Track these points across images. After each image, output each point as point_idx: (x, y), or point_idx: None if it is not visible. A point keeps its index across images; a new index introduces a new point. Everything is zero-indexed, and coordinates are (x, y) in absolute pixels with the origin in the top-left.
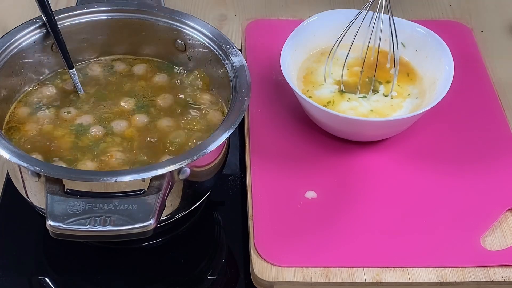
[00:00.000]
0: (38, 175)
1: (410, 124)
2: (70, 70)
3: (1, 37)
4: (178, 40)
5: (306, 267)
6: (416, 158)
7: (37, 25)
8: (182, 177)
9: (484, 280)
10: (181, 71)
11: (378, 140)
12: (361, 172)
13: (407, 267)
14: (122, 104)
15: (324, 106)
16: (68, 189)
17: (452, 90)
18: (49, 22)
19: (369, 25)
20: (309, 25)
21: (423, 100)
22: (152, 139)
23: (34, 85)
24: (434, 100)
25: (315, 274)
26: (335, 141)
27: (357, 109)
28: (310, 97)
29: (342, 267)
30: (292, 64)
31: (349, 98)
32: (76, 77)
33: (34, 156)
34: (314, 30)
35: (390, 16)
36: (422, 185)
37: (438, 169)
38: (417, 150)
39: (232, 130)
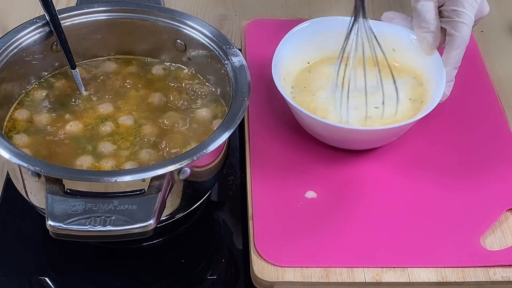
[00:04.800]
0: (38, 175)
1: (407, 130)
2: (73, 70)
3: (1, 37)
4: (178, 40)
5: (306, 267)
6: (416, 159)
7: (37, 25)
8: (182, 177)
9: (484, 280)
10: (181, 71)
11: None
12: (361, 172)
13: (407, 267)
14: (123, 103)
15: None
16: (68, 189)
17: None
18: (52, 21)
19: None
20: (300, 32)
21: (419, 100)
22: (153, 139)
23: (34, 85)
24: (429, 106)
25: (315, 274)
26: None
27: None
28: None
29: (342, 267)
30: (285, 71)
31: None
32: (79, 77)
33: (34, 156)
34: (305, 37)
35: (368, 21)
36: (422, 185)
37: (438, 169)
38: (417, 151)
39: (232, 130)
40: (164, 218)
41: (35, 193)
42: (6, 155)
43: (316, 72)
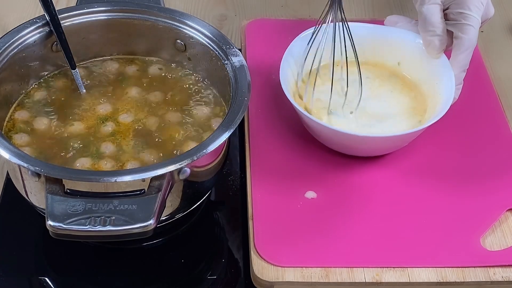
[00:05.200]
0: (38, 175)
1: (413, 138)
2: (73, 70)
3: (1, 37)
4: (178, 40)
5: (306, 267)
6: (415, 159)
7: (37, 25)
8: (182, 177)
9: (484, 280)
10: (181, 70)
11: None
12: (361, 173)
13: (407, 267)
14: (123, 103)
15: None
16: (68, 189)
17: None
18: (52, 22)
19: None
20: (306, 38)
21: (423, 104)
22: (154, 139)
23: (34, 85)
24: (441, 111)
25: (315, 274)
26: None
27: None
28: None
29: (342, 267)
30: (292, 77)
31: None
32: (79, 77)
33: (34, 156)
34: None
35: (345, 23)
36: (421, 185)
37: (438, 170)
38: (416, 151)
39: (232, 130)
40: (164, 218)
41: (35, 193)
42: (6, 155)
43: (322, 76)
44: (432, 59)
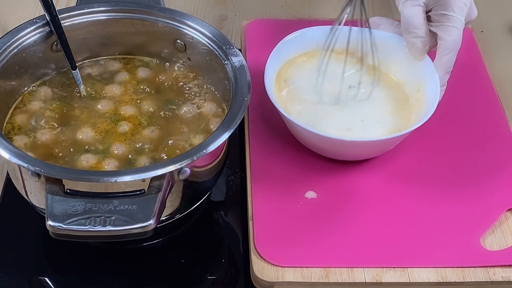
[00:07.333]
0: (38, 175)
1: (400, 141)
2: (73, 71)
3: (1, 37)
4: (178, 40)
5: (306, 267)
6: (415, 159)
7: (38, 25)
8: (182, 177)
9: (484, 280)
10: (181, 71)
11: None
12: (362, 173)
13: (407, 267)
14: (123, 102)
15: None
16: (68, 189)
17: (451, 90)
18: (52, 22)
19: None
20: (291, 41)
21: (410, 103)
22: (153, 140)
23: (34, 86)
24: (427, 112)
25: (315, 274)
26: None
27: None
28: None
29: (342, 267)
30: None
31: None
32: (79, 77)
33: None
34: (296, 46)
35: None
36: (421, 185)
37: (438, 169)
38: (416, 151)
39: (232, 130)
40: (164, 218)
41: (35, 193)
42: (6, 155)
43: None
44: (416, 61)
